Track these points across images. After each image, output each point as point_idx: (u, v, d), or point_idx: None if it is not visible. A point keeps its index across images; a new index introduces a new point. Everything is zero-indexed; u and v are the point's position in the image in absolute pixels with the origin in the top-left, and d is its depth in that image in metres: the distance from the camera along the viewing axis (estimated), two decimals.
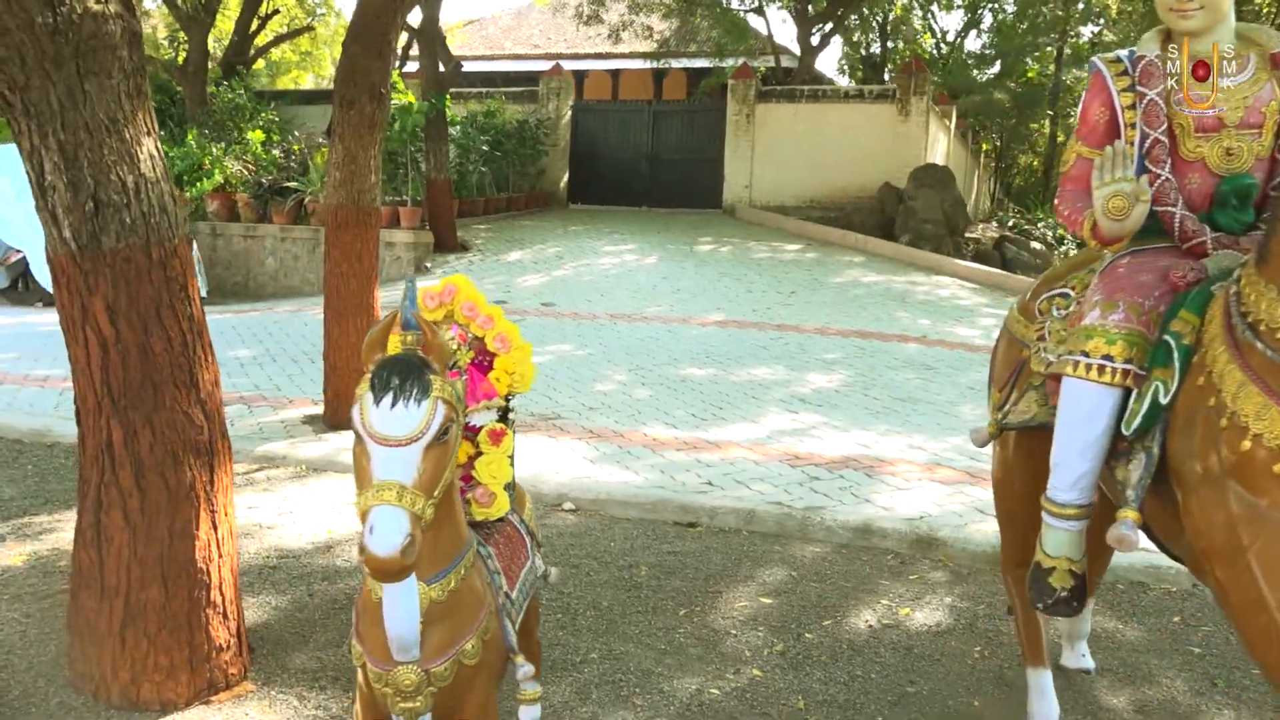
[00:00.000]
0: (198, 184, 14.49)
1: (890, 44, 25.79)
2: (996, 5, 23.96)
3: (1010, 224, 18.52)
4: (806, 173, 17.79)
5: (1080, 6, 22.29)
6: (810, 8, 19.48)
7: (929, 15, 26.52)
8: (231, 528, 3.33)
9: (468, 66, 17.70)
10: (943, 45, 26.91)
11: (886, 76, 23.66)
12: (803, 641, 3.70)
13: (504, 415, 2.52)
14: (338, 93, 6.10)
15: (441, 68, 14.67)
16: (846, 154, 17.51)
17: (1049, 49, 23.89)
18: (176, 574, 3.12)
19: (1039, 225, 18.63)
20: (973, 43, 29.07)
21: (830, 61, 34.10)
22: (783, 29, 37.07)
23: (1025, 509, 2.99)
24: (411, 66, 17.21)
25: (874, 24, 24.52)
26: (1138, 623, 3.95)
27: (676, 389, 7.66)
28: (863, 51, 25.91)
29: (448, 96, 14.59)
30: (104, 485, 3.09)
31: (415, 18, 14.15)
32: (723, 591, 4.13)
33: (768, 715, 3.19)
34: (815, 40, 20.00)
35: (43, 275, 11.27)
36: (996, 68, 24.73)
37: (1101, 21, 23.06)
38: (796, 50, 20.89)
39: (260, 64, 24.32)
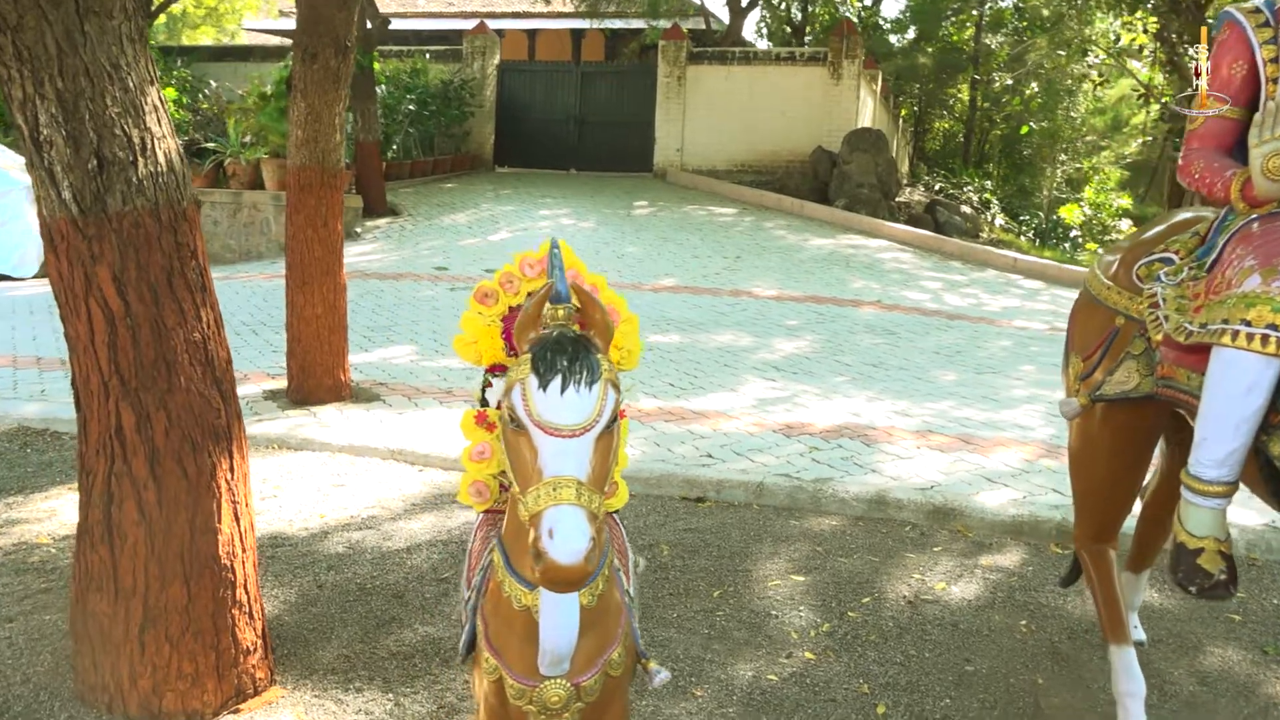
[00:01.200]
0: None
1: (810, 7, 25.72)
2: None
3: (938, 188, 18.68)
4: (738, 136, 17.65)
5: None
6: None
7: None
8: (252, 520, 3.04)
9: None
10: (862, 11, 26.96)
11: (806, 40, 23.59)
12: (847, 621, 3.57)
13: None
14: (298, 44, 5.70)
15: (369, 24, 14.06)
16: (779, 117, 17.41)
17: (967, 15, 24.07)
18: (200, 571, 2.82)
19: (965, 189, 18.84)
20: (890, 8, 29.20)
21: (750, 25, 33.92)
22: None
23: (1110, 483, 2.90)
24: None
25: None
26: (1170, 591, 3.92)
27: (646, 357, 7.45)
28: (785, 14, 25.79)
29: (375, 55, 14.01)
30: (114, 476, 2.78)
31: None
32: (751, 570, 3.97)
33: (834, 701, 3.06)
34: (744, 2, 19.79)
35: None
36: (912, 33, 24.90)
37: None
38: (723, 16, 20.69)
39: (161, 19, 23.12)
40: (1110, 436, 2.81)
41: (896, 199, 16.42)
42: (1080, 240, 18.41)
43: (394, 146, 15.98)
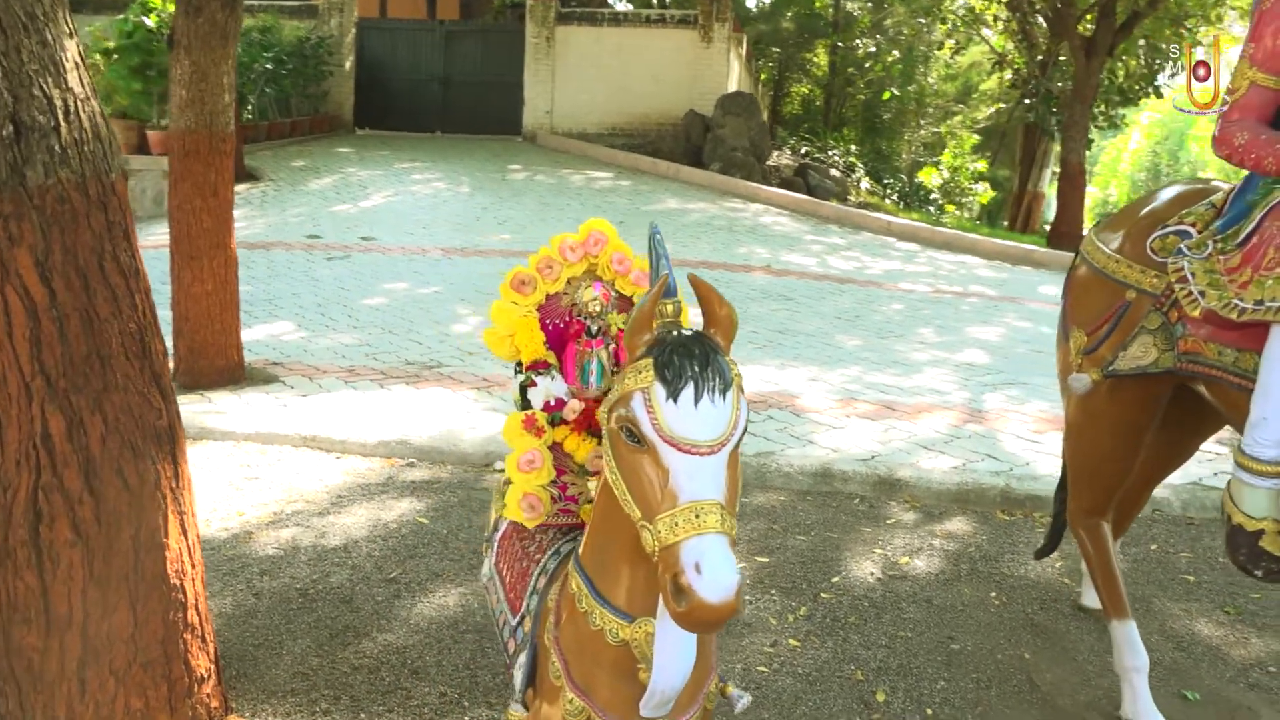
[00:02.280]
0: None
1: None
2: None
3: (803, 151, 18.88)
4: (610, 98, 17.39)
5: None
6: None
7: None
8: (198, 532, 2.70)
9: None
10: None
11: (667, 2, 23.41)
12: (822, 603, 3.47)
13: None
14: None
15: None
16: (650, 80, 17.23)
17: None
18: (147, 594, 2.49)
19: (830, 153, 19.10)
20: None
21: None
22: None
23: (1111, 457, 2.87)
24: None
25: None
26: (1121, 553, 3.97)
27: None
28: None
29: None
30: (41, 491, 2.40)
31: None
32: None
33: (831, 692, 2.95)
34: None
35: None
36: None
37: None
38: None
39: None
40: (1116, 411, 2.77)
41: (767, 163, 16.52)
42: (940, 202, 18.93)
43: (249, 107, 15.07)
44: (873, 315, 8.39)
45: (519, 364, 2.00)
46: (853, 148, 20.05)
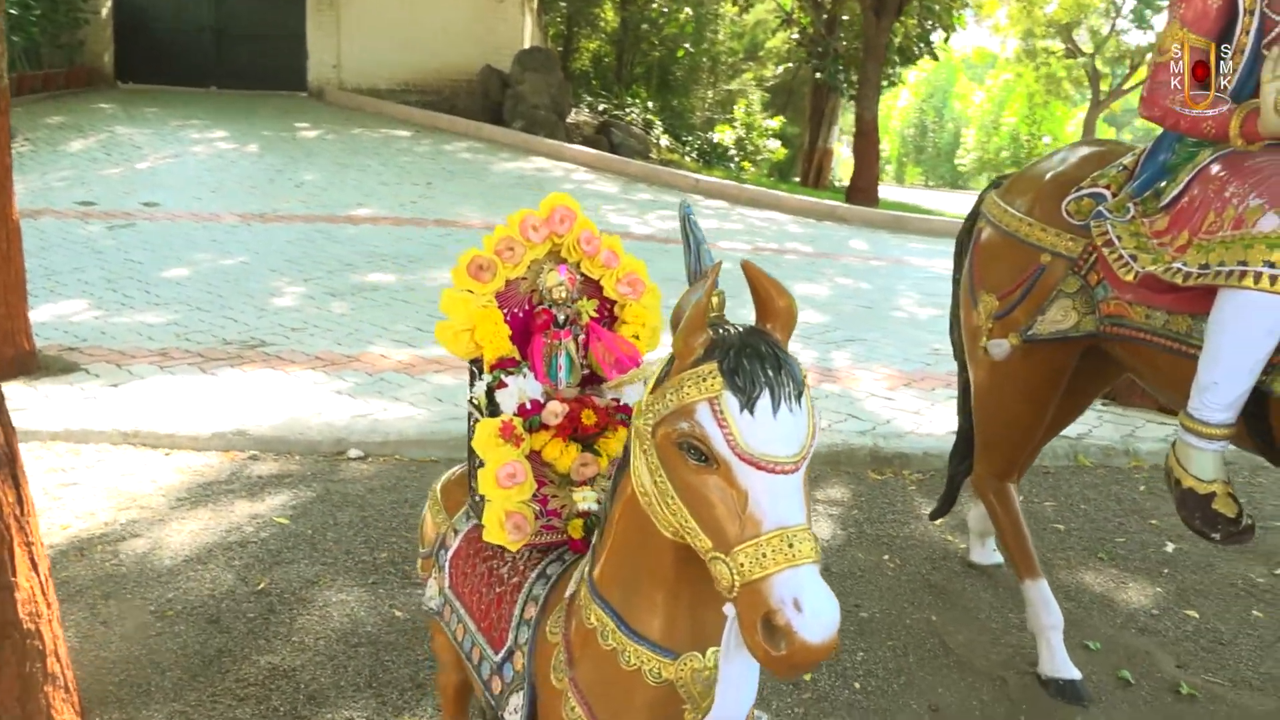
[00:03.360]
0: None
1: None
2: None
3: (602, 109, 18.73)
4: (401, 52, 16.60)
5: None
6: None
7: None
8: (49, 566, 2.30)
9: None
10: None
11: None
12: None
13: None
14: None
15: None
16: (443, 33, 16.55)
17: None
18: None
19: (628, 110, 19.05)
20: None
21: None
22: None
23: (1023, 421, 2.89)
24: None
25: None
26: None
27: (375, 299, 6.79)
28: None
29: None
30: None
31: None
32: None
33: (761, 674, 2.85)
34: None
35: None
36: None
37: None
38: None
39: None
40: (1028, 376, 2.78)
41: (567, 120, 16.28)
42: (738, 159, 19.27)
43: None
44: None
45: (474, 362, 1.75)
46: (650, 105, 20.07)
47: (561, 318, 1.72)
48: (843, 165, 29.70)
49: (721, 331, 1.26)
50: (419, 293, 7.03)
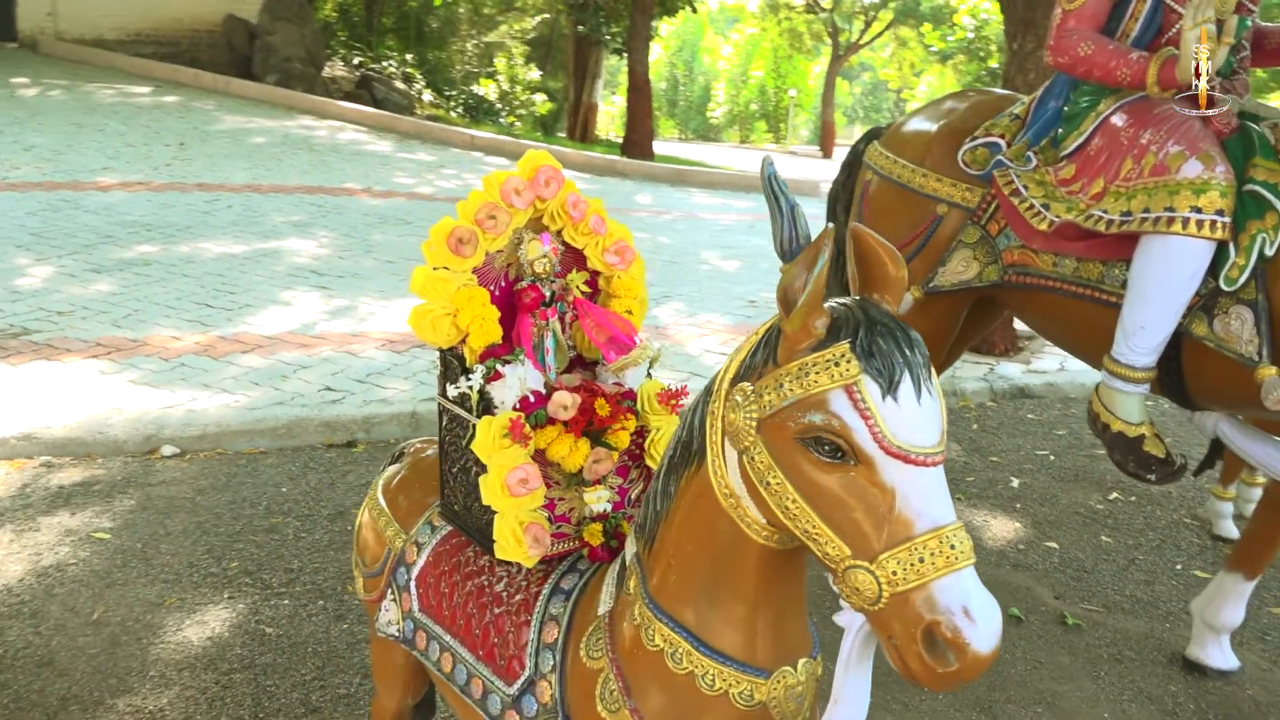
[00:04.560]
0: None
1: None
2: None
3: (358, 62, 17.78)
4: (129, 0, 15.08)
5: None
6: None
7: None
8: None
9: None
10: None
11: None
12: None
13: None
14: None
15: None
16: None
17: None
18: None
19: (385, 64, 18.19)
20: None
21: None
22: None
23: None
24: None
25: None
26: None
27: (148, 274, 6.09)
28: None
29: None
30: None
31: None
32: None
33: None
34: None
35: None
36: None
37: None
38: None
39: None
40: (924, 327, 2.70)
41: (323, 75, 15.34)
42: (505, 114, 18.84)
43: None
44: None
45: (445, 352, 1.50)
46: (408, 57, 19.26)
47: (549, 294, 1.50)
48: (606, 119, 29.73)
49: (840, 308, 1.09)
50: (197, 265, 6.38)
